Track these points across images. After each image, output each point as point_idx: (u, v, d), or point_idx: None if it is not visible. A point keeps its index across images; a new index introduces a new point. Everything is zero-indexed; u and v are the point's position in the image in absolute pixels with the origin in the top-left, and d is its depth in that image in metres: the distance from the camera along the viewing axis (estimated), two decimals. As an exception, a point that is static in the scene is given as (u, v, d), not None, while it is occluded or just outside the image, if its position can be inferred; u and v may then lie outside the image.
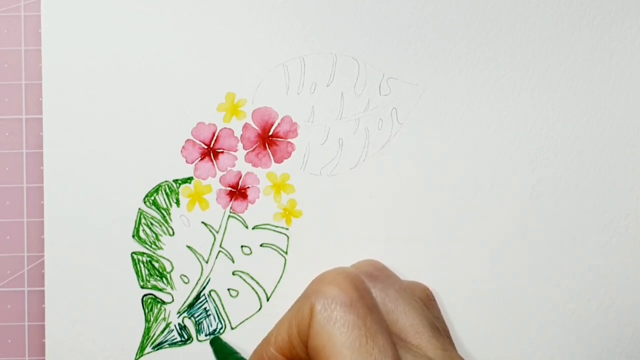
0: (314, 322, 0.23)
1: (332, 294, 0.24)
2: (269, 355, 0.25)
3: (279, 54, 0.34)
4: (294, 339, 0.25)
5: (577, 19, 0.35)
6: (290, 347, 0.25)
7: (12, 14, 0.35)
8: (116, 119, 0.34)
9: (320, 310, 0.23)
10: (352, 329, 0.23)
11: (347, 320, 0.23)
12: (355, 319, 0.23)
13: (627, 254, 0.34)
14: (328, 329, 0.23)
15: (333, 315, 0.23)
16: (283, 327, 0.25)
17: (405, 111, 0.35)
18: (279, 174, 0.34)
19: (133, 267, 0.34)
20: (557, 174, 0.35)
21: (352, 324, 0.23)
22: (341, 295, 0.24)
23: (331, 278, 0.24)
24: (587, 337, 0.34)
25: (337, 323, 0.23)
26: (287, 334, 0.25)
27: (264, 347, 0.26)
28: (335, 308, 0.23)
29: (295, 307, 0.25)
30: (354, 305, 0.23)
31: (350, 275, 0.25)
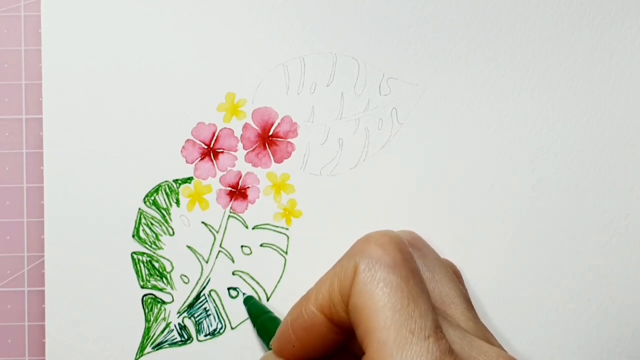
0: (356, 281, 0.23)
1: (377, 254, 0.24)
2: (308, 313, 0.25)
3: (279, 54, 0.34)
4: (334, 297, 0.24)
5: (577, 19, 0.35)
6: (330, 305, 0.25)
7: (12, 14, 0.35)
8: (116, 119, 0.34)
9: (364, 269, 0.23)
10: (395, 290, 0.23)
11: (390, 282, 0.23)
12: (399, 280, 0.23)
13: (627, 254, 0.34)
14: (370, 289, 0.23)
15: (377, 275, 0.23)
16: (324, 285, 0.25)
17: (405, 111, 0.35)
18: (279, 174, 0.34)
19: (133, 267, 0.34)
20: (557, 174, 0.35)
21: (395, 285, 0.23)
22: (385, 257, 0.24)
23: (376, 239, 0.24)
24: (587, 337, 0.34)
25: (380, 283, 0.23)
26: (328, 291, 0.25)
27: (302, 304, 0.26)
28: (379, 268, 0.23)
29: (338, 265, 0.25)
30: (397, 267, 0.23)
31: (395, 238, 0.24)
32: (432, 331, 0.22)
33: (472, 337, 0.25)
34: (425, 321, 0.22)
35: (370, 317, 0.23)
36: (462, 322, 0.26)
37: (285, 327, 0.26)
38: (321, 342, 0.26)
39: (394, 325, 0.22)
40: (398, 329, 0.22)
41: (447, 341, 0.23)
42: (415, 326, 0.22)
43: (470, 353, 0.23)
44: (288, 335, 0.26)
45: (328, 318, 0.25)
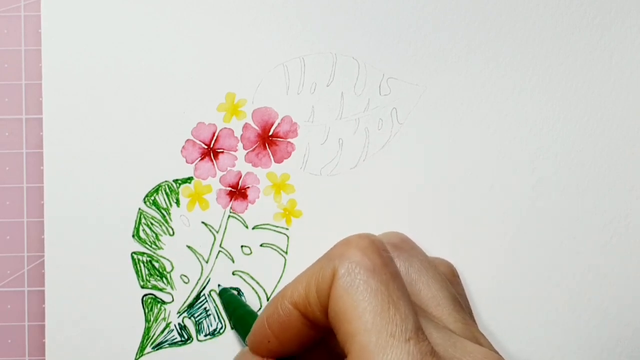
0: (336, 285, 0.23)
1: (356, 258, 0.24)
2: (283, 309, 0.25)
3: (279, 54, 0.34)
4: (311, 297, 0.24)
5: (577, 19, 0.35)
6: (305, 304, 0.25)
7: (12, 14, 0.35)
8: (116, 119, 0.34)
9: (343, 274, 0.23)
10: (375, 294, 0.23)
11: (370, 286, 0.23)
12: (378, 284, 0.23)
13: (627, 254, 0.34)
14: (350, 293, 0.23)
15: (356, 279, 0.23)
16: (301, 283, 0.25)
17: (405, 111, 0.35)
18: (279, 174, 0.34)
19: (133, 267, 0.34)
20: (557, 174, 0.35)
21: (375, 289, 0.23)
22: (365, 261, 0.23)
23: (356, 242, 0.24)
24: (587, 337, 0.34)
25: (359, 287, 0.23)
26: (305, 290, 0.25)
27: (278, 300, 0.26)
28: (358, 272, 0.23)
29: (317, 266, 0.25)
30: (377, 271, 0.23)
31: (375, 241, 0.24)
32: (412, 334, 0.22)
33: (458, 338, 0.25)
34: (405, 324, 0.22)
35: (350, 322, 0.23)
36: (450, 324, 0.26)
37: (261, 323, 0.26)
38: (297, 337, 0.26)
39: (374, 329, 0.22)
40: (378, 333, 0.22)
41: (429, 343, 0.23)
42: (396, 329, 0.22)
43: (454, 354, 0.23)
44: (263, 331, 0.26)
45: (303, 315, 0.25)
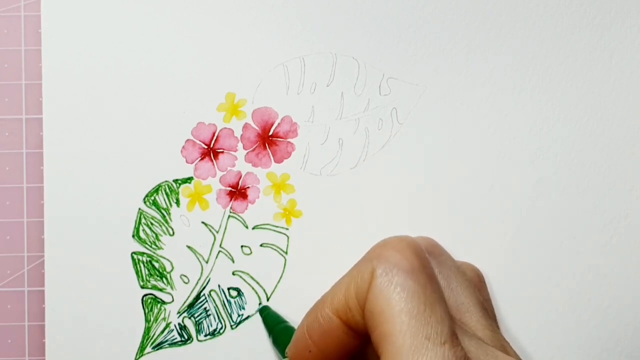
0: (373, 285, 0.23)
1: (395, 259, 0.24)
2: (323, 317, 0.25)
3: (279, 54, 0.34)
4: (351, 301, 0.24)
5: (577, 19, 0.35)
6: (346, 309, 0.25)
7: (12, 14, 0.35)
8: (116, 119, 0.34)
9: (381, 274, 0.23)
10: (412, 295, 0.23)
11: (407, 287, 0.23)
12: (416, 286, 0.23)
13: (627, 254, 0.34)
14: (387, 294, 0.23)
15: (394, 280, 0.23)
16: (340, 289, 0.25)
17: (405, 111, 0.35)
18: (279, 174, 0.34)
19: (133, 267, 0.34)
20: (557, 174, 0.35)
21: (412, 290, 0.23)
22: (403, 262, 0.23)
23: (394, 244, 0.24)
24: (587, 337, 0.34)
25: (397, 288, 0.23)
26: (345, 296, 0.25)
27: (318, 308, 0.25)
28: (396, 273, 0.23)
29: (355, 269, 0.25)
30: (415, 273, 0.23)
31: (412, 243, 0.24)
32: (448, 337, 0.22)
33: (488, 346, 0.25)
34: (441, 327, 0.22)
35: (386, 322, 0.23)
36: (479, 331, 0.26)
37: (301, 333, 0.26)
38: (337, 347, 0.25)
39: (410, 331, 0.22)
40: (414, 335, 0.22)
41: (463, 348, 0.22)
42: (432, 332, 0.22)
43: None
44: (304, 341, 0.26)
45: (344, 322, 0.25)
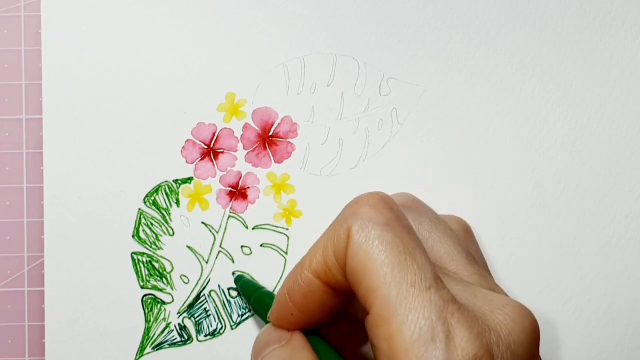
0: (351, 242, 0.23)
1: (369, 214, 0.24)
2: (303, 279, 0.25)
3: (279, 54, 0.34)
4: (329, 261, 0.24)
5: (577, 19, 0.35)
6: (325, 270, 0.25)
7: (12, 14, 0.35)
8: (116, 119, 0.34)
9: (357, 230, 0.23)
10: (391, 246, 0.23)
11: (385, 239, 0.23)
12: (393, 237, 0.23)
13: (627, 254, 0.34)
14: (366, 249, 0.23)
15: (370, 234, 0.23)
16: (318, 250, 0.25)
17: (405, 111, 0.35)
18: (279, 174, 0.34)
19: (133, 267, 0.34)
20: (557, 174, 0.35)
21: (390, 242, 0.23)
22: (377, 216, 0.24)
23: (367, 200, 0.24)
24: (587, 337, 0.34)
25: (375, 242, 0.23)
26: (323, 256, 0.25)
27: (297, 271, 0.26)
28: (372, 227, 0.23)
29: (330, 230, 0.25)
30: (390, 224, 0.23)
31: (385, 197, 0.25)
32: (432, 282, 0.22)
33: (476, 288, 0.25)
34: (424, 273, 0.22)
35: (369, 276, 0.23)
36: (466, 277, 0.26)
37: (282, 296, 0.26)
38: (319, 307, 0.26)
39: (393, 281, 0.22)
40: (398, 284, 0.22)
41: (449, 291, 0.23)
42: (415, 279, 0.22)
43: (474, 302, 0.23)
44: (285, 304, 0.26)
45: (324, 283, 0.25)
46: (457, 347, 0.21)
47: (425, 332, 0.21)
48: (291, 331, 0.26)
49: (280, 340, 0.26)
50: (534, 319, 0.23)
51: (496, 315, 0.23)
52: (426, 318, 0.22)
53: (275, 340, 0.26)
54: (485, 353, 0.21)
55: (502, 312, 0.23)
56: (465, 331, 0.22)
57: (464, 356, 0.21)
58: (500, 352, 0.22)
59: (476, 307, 0.23)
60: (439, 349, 0.21)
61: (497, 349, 0.22)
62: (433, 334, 0.21)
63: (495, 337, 0.22)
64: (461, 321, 0.22)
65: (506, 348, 0.22)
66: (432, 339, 0.21)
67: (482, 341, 0.22)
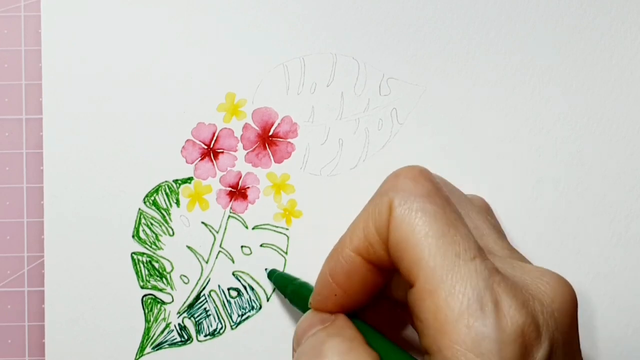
0: (393, 216, 0.23)
1: (409, 187, 0.24)
2: (344, 257, 0.25)
3: (279, 54, 0.34)
4: (371, 237, 0.24)
5: (577, 19, 0.35)
6: (367, 246, 0.25)
7: (12, 14, 0.35)
8: (116, 119, 0.34)
9: (399, 203, 0.23)
10: (434, 217, 0.23)
11: (428, 210, 0.23)
12: (435, 208, 0.23)
13: (627, 253, 0.34)
14: (409, 221, 0.23)
15: (413, 206, 0.23)
16: (358, 227, 0.25)
17: (405, 111, 0.35)
18: (279, 174, 0.34)
19: (133, 267, 0.34)
20: (557, 174, 0.35)
21: (433, 213, 0.23)
22: (418, 188, 0.24)
23: (405, 173, 0.24)
24: (588, 337, 0.34)
25: (418, 213, 0.23)
26: (364, 232, 0.25)
27: (338, 250, 0.25)
28: (414, 200, 0.23)
29: (371, 205, 0.25)
30: (432, 196, 0.23)
31: (423, 170, 0.25)
32: (477, 252, 0.22)
33: (513, 260, 0.25)
34: (468, 243, 0.23)
35: (414, 248, 0.23)
36: (497, 252, 0.26)
37: (324, 278, 0.26)
38: (362, 286, 0.25)
39: (439, 252, 0.22)
40: (444, 255, 0.22)
41: (492, 262, 0.23)
42: (460, 249, 0.22)
43: (514, 273, 0.23)
44: (328, 285, 0.26)
45: (366, 260, 0.25)
46: (506, 315, 0.21)
47: (474, 302, 0.21)
48: (334, 314, 0.26)
49: (323, 322, 0.26)
50: (572, 288, 0.23)
51: (537, 285, 0.23)
52: (474, 288, 0.22)
53: (318, 323, 0.26)
54: (532, 321, 0.22)
55: (542, 281, 0.23)
56: (512, 300, 0.22)
57: (512, 324, 0.21)
58: (544, 320, 0.22)
59: (517, 277, 0.23)
60: (489, 319, 0.21)
61: (542, 317, 0.22)
62: (482, 304, 0.21)
63: (539, 305, 0.22)
64: (507, 290, 0.22)
65: (550, 316, 0.22)
66: (481, 309, 0.21)
67: (528, 309, 0.22)
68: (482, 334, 0.21)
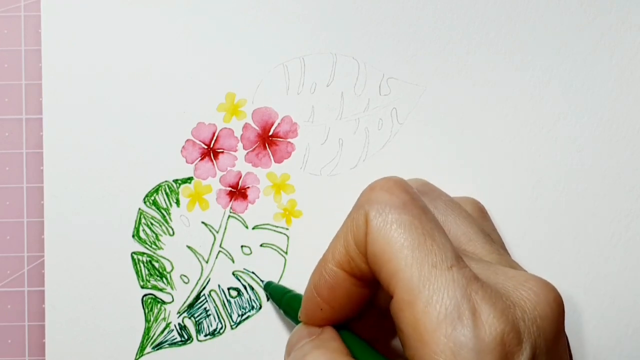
0: (370, 228, 0.23)
1: (384, 199, 0.24)
2: (328, 272, 0.25)
3: (279, 54, 0.34)
4: (351, 251, 0.24)
5: (577, 19, 0.35)
6: (348, 260, 0.25)
7: (12, 14, 0.35)
8: (116, 119, 0.34)
9: (374, 215, 0.23)
10: (409, 228, 0.23)
11: (403, 221, 0.23)
12: (411, 219, 0.23)
13: (627, 253, 0.34)
14: (385, 233, 0.23)
15: (388, 218, 0.23)
16: (339, 242, 0.25)
17: (405, 111, 0.35)
18: (279, 174, 0.34)
19: (133, 267, 0.34)
20: (557, 174, 0.35)
21: (408, 224, 0.23)
22: (393, 199, 0.24)
23: (381, 185, 0.24)
24: (587, 337, 0.34)
25: (393, 225, 0.23)
26: (344, 246, 0.25)
27: (321, 266, 0.26)
28: (389, 211, 0.23)
29: (349, 219, 0.25)
30: (407, 207, 0.23)
31: (399, 181, 0.25)
32: (454, 261, 0.22)
33: (497, 266, 0.25)
34: (444, 252, 0.22)
35: (390, 260, 0.23)
36: (484, 256, 0.26)
37: (310, 293, 0.26)
38: (347, 299, 0.25)
39: (415, 263, 0.22)
40: (420, 265, 0.22)
41: (471, 269, 0.23)
42: (437, 259, 0.22)
43: (496, 280, 0.23)
44: (314, 300, 0.26)
45: (349, 273, 0.25)
46: (485, 324, 0.21)
47: (452, 311, 0.21)
48: (322, 327, 0.26)
49: (310, 335, 0.26)
50: (558, 293, 0.23)
51: (520, 291, 0.23)
52: (451, 297, 0.21)
53: (306, 336, 0.26)
54: (512, 329, 0.21)
55: (525, 287, 0.23)
56: (491, 308, 0.22)
57: (491, 332, 0.21)
58: (526, 327, 0.22)
59: (499, 285, 0.23)
60: (466, 327, 0.21)
61: (524, 324, 0.22)
62: (459, 313, 0.21)
63: (520, 312, 0.22)
64: (485, 298, 0.22)
65: (532, 323, 0.22)
66: (459, 318, 0.21)
67: (508, 317, 0.22)
68: (461, 344, 0.21)
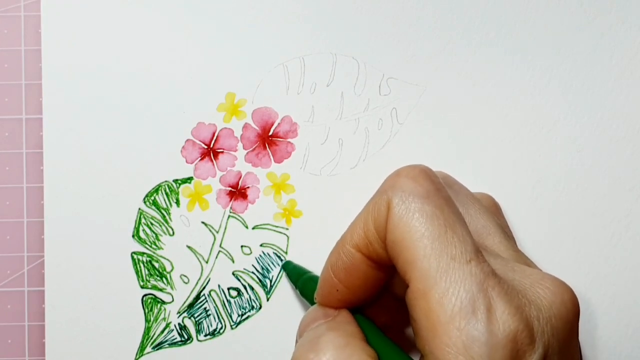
0: (391, 215, 0.23)
1: (409, 187, 0.24)
2: (345, 254, 0.25)
3: (279, 54, 0.34)
4: (370, 235, 0.24)
5: (577, 19, 0.35)
6: (366, 243, 0.25)
7: (12, 14, 0.35)
8: (116, 118, 0.34)
9: (397, 203, 0.23)
10: (431, 219, 0.23)
11: (425, 211, 0.23)
12: (433, 209, 0.23)
13: (627, 253, 0.34)
14: (406, 221, 0.23)
15: (411, 207, 0.23)
16: (359, 224, 0.25)
17: (405, 111, 0.35)
18: (279, 174, 0.34)
19: (133, 267, 0.34)
20: (557, 174, 0.35)
21: (430, 214, 0.23)
22: (417, 188, 0.24)
23: (406, 172, 0.24)
24: (588, 337, 0.34)
25: (415, 214, 0.23)
26: (364, 230, 0.25)
27: (339, 247, 0.26)
28: (412, 200, 0.23)
29: (371, 203, 0.25)
30: (430, 197, 0.23)
31: (425, 169, 0.25)
32: (473, 255, 0.22)
33: (514, 263, 0.25)
34: (464, 246, 0.22)
35: (409, 249, 0.23)
36: (502, 252, 0.26)
37: (327, 274, 0.26)
38: (363, 281, 0.25)
39: (434, 254, 0.22)
40: (439, 257, 0.22)
41: (489, 264, 0.22)
42: (456, 252, 0.22)
43: (513, 277, 0.23)
44: (330, 281, 0.26)
45: (366, 256, 0.25)
46: (499, 320, 0.21)
47: (467, 305, 0.21)
48: (337, 309, 0.26)
49: (326, 317, 0.26)
50: (574, 294, 0.23)
51: (536, 289, 0.23)
52: (467, 291, 0.21)
53: (321, 317, 0.26)
54: (525, 327, 0.21)
55: (541, 286, 0.23)
56: (506, 304, 0.21)
57: (504, 329, 0.21)
58: (540, 326, 0.22)
59: (516, 281, 0.23)
60: (480, 322, 0.21)
61: (538, 323, 0.22)
62: (474, 307, 0.21)
63: (535, 310, 0.22)
64: (502, 294, 0.22)
65: (546, 322, 0.22)
66: (474, 312, 0.21)
67: (523, 315, 0.22)
68: (473, 337, 0.21)
